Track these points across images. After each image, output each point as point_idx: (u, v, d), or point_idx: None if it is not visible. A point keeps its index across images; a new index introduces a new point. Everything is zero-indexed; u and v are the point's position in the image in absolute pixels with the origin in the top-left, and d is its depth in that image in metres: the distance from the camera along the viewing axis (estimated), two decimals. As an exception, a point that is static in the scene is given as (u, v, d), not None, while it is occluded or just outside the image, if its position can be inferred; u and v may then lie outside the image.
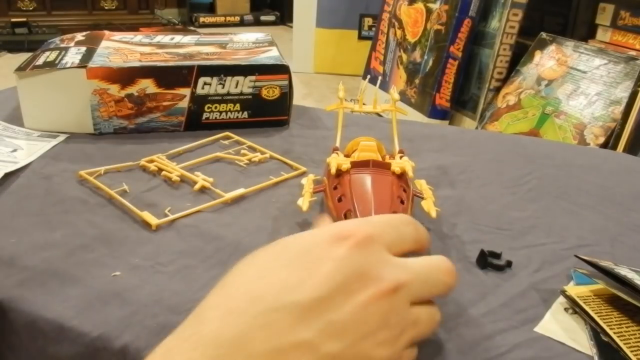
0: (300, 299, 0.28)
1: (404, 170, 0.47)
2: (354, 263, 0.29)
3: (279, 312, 0.27)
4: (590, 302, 0.40)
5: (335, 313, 0.28)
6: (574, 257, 0.45)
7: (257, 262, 0.31)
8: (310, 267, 0.29)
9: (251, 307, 0.28)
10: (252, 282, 0.29)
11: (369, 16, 3.25)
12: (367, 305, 0.29)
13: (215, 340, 0.26)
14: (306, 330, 0.27)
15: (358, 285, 0.29)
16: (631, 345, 0.36)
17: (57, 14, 4.03)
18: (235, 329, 0.27)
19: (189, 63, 0.70)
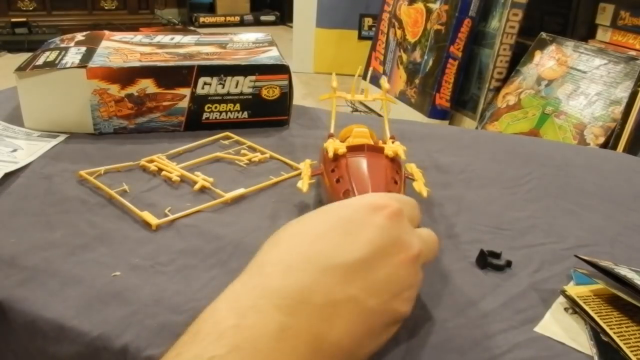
0: (347, 260, 0.32)
1: (397, 153, 0.50)
2: (390, 230, 0.34)
3: (331, 270, 0.31)
4: (590, 302, 0.40)
5: (375, 273, 0.33)
6: (574, 257, 0.45)
7: (306, 227, 0.35)
8: (354, 232, 0.33)
9: (308, 265, 0.31)
10: (305, 244, 0.33)
11: (369, 16, 3.25)
12: (399, 268, 0.34)
13: (279, 292, 0.30)
14: (353, 287, 0.32)
15: (392, 249, 0.34)
16: (631, 345, 0.36)
17: (57, 14, 4.03)
18: (297, 284, 0.31)
19: (189, 63, 0.70)
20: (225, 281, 0.42)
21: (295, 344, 0.29)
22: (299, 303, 0.30)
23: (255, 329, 0.28)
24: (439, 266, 0.45)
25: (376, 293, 0.32)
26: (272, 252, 0.33)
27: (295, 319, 0.29)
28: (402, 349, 0.36)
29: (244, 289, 0.31)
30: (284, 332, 0.29)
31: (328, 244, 0.33)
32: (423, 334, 0.38)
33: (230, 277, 0.43)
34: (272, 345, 0.28)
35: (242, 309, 0.29)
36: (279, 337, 0.28)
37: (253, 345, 0.28)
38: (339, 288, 0.31)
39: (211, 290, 0.42)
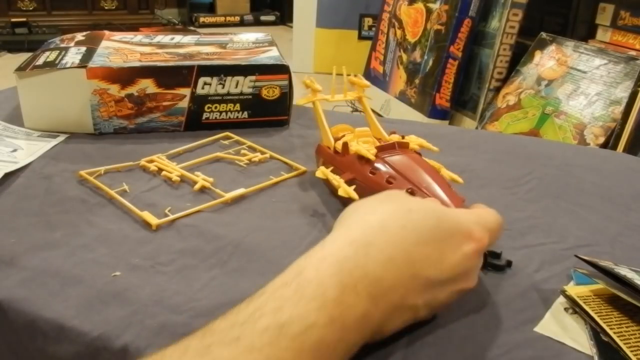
0: (430, 277, 0.35)
1: (423, 145, 0.52)
2: (470, 263, 0.37)
3: (417, 280, 0.35)
4: (590, 302, 0.40)
5: (440, 294, 0.36)
6: (574, 257, 0.45)
7: (414, 224, 0.36)
8: (446, 253, 0.36)
9: (405, 269, 0.34)
10: (409, 246, 0.35)
11: (369, 16, 3.25)
12: (455, 294, 0.38)
13: (376, 283, 0.33)
14: (421, 299, 0.35)
15: (461, 279, 0.37)
16: (631, 345, 0.36)
17: (57, 14, 4.03)
18: (391, 281, 0.34)
19: (189, 63, 0.70)
20: (225, 281, 0.43)
21: (365, 331, 0.33)
22: (384, 297, 0.33)
23: (349, 309, 0.31)
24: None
25: (429, 307, 0.37)
26: (380, 235, 0.35)
27: (375, 311, 0.33)
28: (402, 349, 0.36)
29: (348, 264, 0.33)
30: (365, 318, 0.32)
31: (424, 254, 0.35)
32: (423, 334, 0.38)
33: (230, 277, 0.43)
34: (355, 324, 0.32)
35: (344, 284, 0.32)
36: (361, 321, 0.32)
37: (343, 322, 0.31)
38: (412, 296, 0.35)
39: (211, 290, 0.42)
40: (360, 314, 0.32)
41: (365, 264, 0.33)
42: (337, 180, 0.50)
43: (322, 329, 0.30)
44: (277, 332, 0.29)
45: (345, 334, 0.31)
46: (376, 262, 0.33)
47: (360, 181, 0.49)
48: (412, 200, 0.39)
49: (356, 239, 0.34)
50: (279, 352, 0.28)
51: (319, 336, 0.30)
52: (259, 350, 0.28)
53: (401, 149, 0.50)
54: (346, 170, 0.51)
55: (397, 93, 2.53)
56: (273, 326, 0.29)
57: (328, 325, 0.30)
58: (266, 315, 0.30)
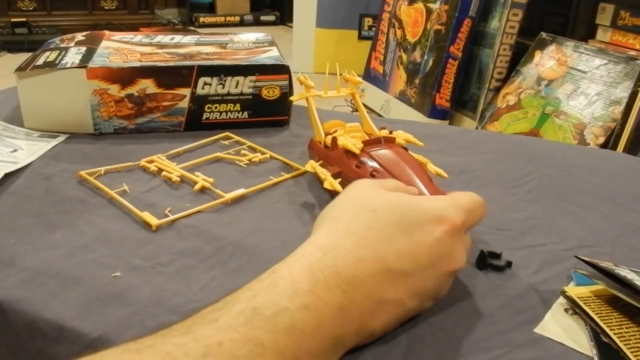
0: (406, 268, 0.36)
1: (409, 140, 0.53)
2: (446, 247, 0.38)
3: (391, 274, 0.36)
4: (590, 303, 0.40)
5: (423, 281, 0.37)
6: (574, 257, 0.45)
7: (379, 224, 0.37)
8: (416, 242, 0.37)
9: (376, 264, 0.35)
10: (379, 242, 0.36)
11: (369, 16, 3.25)
12: (442, 278, 0.38)
13: (348, 280, 0.34)
14: (403, 291, 0.36)
15: (442, 262, 0.38)
16: (631, 346, 0.36)
17: (57, 14, 4.03)
18: (364, 278, 0.35)
19: (189, 63, 0.70)
20: (225, 281, 0.43)
21: (347, 324, 0.34)
22: (358, 293, 0.34)
23: (322, 300, 0.33)
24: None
25: (417, 297, 0.37)
26: (347, 239, 0.36)
27: (352, 305, 0.34)
28: (402, 350, 0.36)
29: (318, 264, 0.34)
30: (341, 311, 0.33)
31: (394, 248, 0.36)
32: (423, 335, 0.38)
33: (230, 277, 0.43)
34: (330, 316, 0.33)
35: (316, 279, 0.34)
36: (337, 313, 0.33)
37: (317, 310, 0.32)
38: (391, 290, 0.36)
39: (211, 290, 0.42)
40: (335, 306, 0.33)
41: (335, 264, 0.35)
42: (324, 173, 0.52)
43: (295, 313, 0.31)
44: (251, 314, 0.31)
45: (322, 322, 0.32)
46: (346, 263, 0.35)
47: (346, 174, 0.51)
48: (377, 198, 0.39)
49: (325, 244, 0.36)
50: (253, 331, 0.30)
51: (292, 319, 0.31)
52: (235, 329, 0.30)
53: (387, 144, 0.51)
54: (334, 164, 0.53)
55: (397, 93, 2.53)
56: (247, 309, 0.31)
57: (301, 310, 0.32)
58: (241, 302, 0.32)
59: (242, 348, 0.29)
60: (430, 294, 0.38)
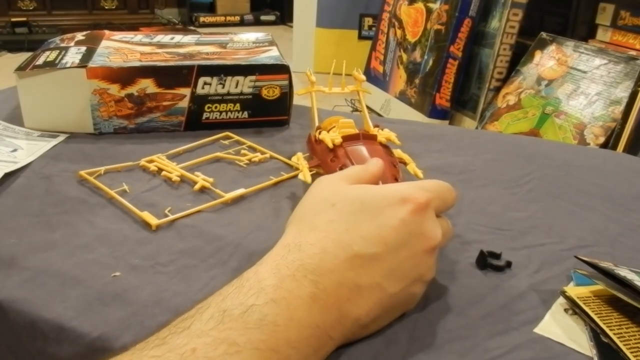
0: (376, 251, 0.36)
1: (389, 139, 0.53)
2: (414, 224, 0.37)
3: (360, 259, 0.36)
4: (590, 303, 0.40)
5: (398, 262, 0.37)
6: (574, 257, 0.45)
7: (341, 215, 0.38)
8: (382, 225, 0.37)
9: (342, 253, 0.35)
10: (340, 232, 0.37)
11: (369, 16, 3.25)
12: (420, 257, 0.38)
13: (315, 271, 0.34)
14: (377, 274, 0.36)
15: (414, 241, 0.37)
16: (631, 346, 0.36)
17: (57, 14, 4.03)
18: (330, 268, 0.35)
19: (189, 63, 0.70)
20: (226, 281, 0.43)
21: (323, 312, 0.33)
22: (328, 280, 0.34)
23: (291, 292, 0.33)
24: (439, 266, 0.45)
25: (397, 280, 0.37)
26: (310, 234, 0.37)
27: (325, 294, 0.34)
28: (402, 350, 0.36)
29: (283, 261, 0.35)
30: (315, 300, 0.33)
31: (359, 233, 0.36)
32: (423, 335, 0.38)
33: (230, 277, 0.43)
34: (303, 306, 0.33)
35: (282, 275, 0.34)
36: (310, 302, 0.33)
37: (287, 302, 0.32)
38: (365, 275, 0.35)
39: (211, 290, 0.41)
40: (307, 296, 0.33)
41: (299, 258, 0.35)
42: (302, 166, 0.54)
43: (263, 307, 0.32)
44: (220, 317, 0.31)
45: (295, 313, 0.32)
46: (310, 255, 0.35)
47: (322, 167, 0.53)
48: (336, 193, 0.40)
49: (289, 243, 0.37)
50: (225, 332, 0.30)
51: (261, 314, 0.31)
52: (206, 333, 0.30)
53: (365, 140, 0.53)
54: (317, 157, 0.55)
55: (397, 93, 2.53)
56: (217, 313, 0.32)
57: (269, 304, 0.32)
58: (212, 306, 0.32)
59: (215, 349, 0.29)
60: (411, 275, 0.37)
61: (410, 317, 0.39)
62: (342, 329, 0.35)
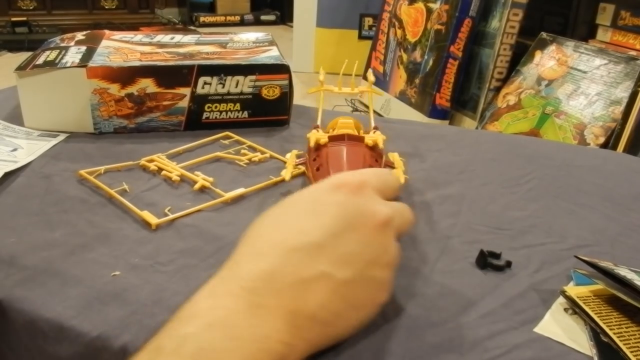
0: (313, 239, 0.34)
1: (376, 142, 0.53)
2: (353, 204, 0.36)
3: (298, 251, 0.33)
4: (590, 303, 0.40)
5: (343, 246, 0.34)
6: (574, 257, 0.45)
7: (272, 217, 0.37)
8: (318, 213, 0.35)
9: (276, 250, 0.34)
10: (272, 232, 0.35)
11: (369, 16, 3.25)
12: (368, 235, 0.35)
13: (249, 276, 0.32)
14: (321, 263, 0.33)
15: (357, 220, 0.35)
16: (631, 345, 0.36)
17: (57, 13, 4.03)
18: (265, 267, 0.33)
19: (189, 62, 0.70)
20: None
21: (268, 319, 0.31)
22: (268, 284, 0.32)
23: (227, 309, 0.31)
24: (439, 266, 0.45)
25: (347, 265, 0.34)
26: (245, 247, 0.35)
27: (265, 299, 0.31)
28: (402, 349, 0.36)
29: (219, 281, 0.33)
30: (255, 309, 0.31)
31: (294, 227, 0.35)
32: (423, 334, 0.38)
33: (230, 277, 0.43)
34: (243, 321, 0.30)
35: (216, 294, 0.32)
36: (251, 313, 0.31)
37: (224, 322, 0.30)
38: (307, 266, 0.33)
39: (211, 290, 0.42)
40: (245, 307, 0.31)
41: (235, 271, 0.33)
42: (288, 163, 0.56)
43: (198, 334, 0.29)
44: (153, 355, 0.29)
45: (235, 331, 0.30)
46: (244, 265, 0.33)
47: (306, 166, 0.55)
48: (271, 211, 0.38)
49: (226, 264, 0.35)
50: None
51: (197, 341, 0.29)
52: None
53: (350, 142, 0.52)
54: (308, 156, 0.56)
55: (397, 93, 2.53)
56: (151, 351, 0.30)
57: (205, 329, 0.29)
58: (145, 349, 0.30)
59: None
60: (363, 258, 0.34)
61: (410, 317, 0.39)
62: (299, 332, 0.32)
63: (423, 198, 0.56)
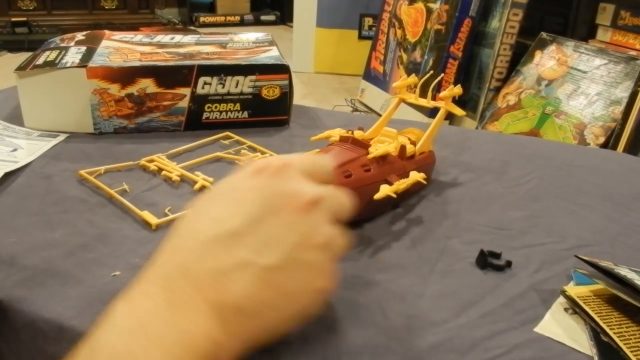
0: (231, 227, 0.32)
1: (387, 153, 0.51)
2: (274, 186, 0.33)
3: (215, 241, 0.31)
4: (590, 302, 0.40)
5: (265, 231, 0.32)
6: (574, 257, 0.45)
7: (193, 210, 0.34)
8: (237, 200, 0.33)
9: (192, 241, 0.32)
10: (190, 223, 0.33)
11: (369, 16, 3.25)
12: (293, 217, 0.32)
13: (163, 273, 0.31)
14: (241, 250, 0.31)
15: (279, 202, 0.33)
16: (631, 345, 0.36)
17: (57, 14, 4.03)
18: (180, 261, 0.31)
19: (189, 63, 0.70)
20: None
21: (189, 315, 0.29)
22: (184, 278, 0.30)
23: (143, 309, 0.29)
24: (439, 266, 0.45)
25: (270, 250, 0.31)
26: (164, 244, 0.33)
27: (183, 293, 0.30)
28: (402, 349, 0.36)
29: (137, 283, 0.31)
30: (175, 307, 0.29)
31: (213, 216, 0.33)
32: (423, 334, 0.38)
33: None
34: (162, 321, 0.28)
35: (133, 297, 0.30)
36: (170, 312, 0.29)
37: (142, 324, 0.28)
38: (225, 255, 0.31)
39: (211, 290, 0.42)
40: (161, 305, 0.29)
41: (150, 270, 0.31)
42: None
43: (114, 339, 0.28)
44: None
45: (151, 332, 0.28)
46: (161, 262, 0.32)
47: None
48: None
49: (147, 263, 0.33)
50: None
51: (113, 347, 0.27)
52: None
53: (353, 144, 0.52)
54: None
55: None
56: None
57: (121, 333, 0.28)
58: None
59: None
60: (287, 241, 0.32)
61: (410, 317, 0.39)
62: (226, 326, 0.29)
63: (423, 198, 0.56)
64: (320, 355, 0.35)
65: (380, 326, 0.38)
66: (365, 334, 0.37)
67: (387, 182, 0.49)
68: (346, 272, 0.44)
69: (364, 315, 0.39)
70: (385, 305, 0.40)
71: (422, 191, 0.58)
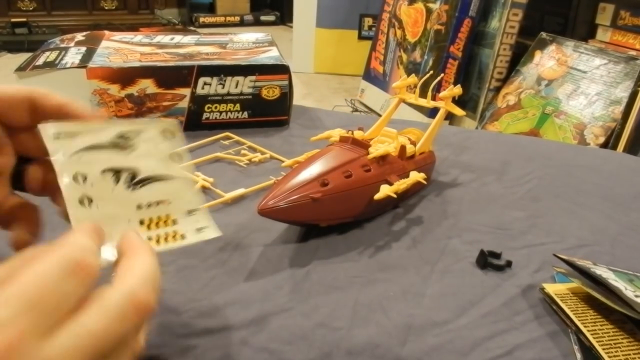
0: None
1: (387, 153, 0.51)
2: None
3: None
4: (567, 300, 0.40)
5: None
6: (553, 255, 0.45)
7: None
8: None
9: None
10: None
11: (369, 16, 3.25)
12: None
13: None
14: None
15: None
16: (604, 343, 0.36)
17: (57, 14, 4.03)
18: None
19: (189, 63, 0.70)
20: (225, 281, 0.43)
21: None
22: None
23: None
24: (439, 266, 0.45)
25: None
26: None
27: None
28: (402, 349, 0.36)
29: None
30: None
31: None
32: (423, 335, 0.38)
33: (230, 277, 0.43)
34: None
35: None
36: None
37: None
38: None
39: (211, 290, 0.42)
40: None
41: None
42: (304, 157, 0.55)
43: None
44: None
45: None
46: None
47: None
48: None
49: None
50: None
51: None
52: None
53: (353, 145, 0.52)
54: None
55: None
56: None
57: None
58: None
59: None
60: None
61: (411, 317, 0.39)
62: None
63: (423, 198, 0.56)
64: (321, 355, 0.35)
65: (381, 326, 0.38)
66: (365, 334, 0.37)
67: (387, 182, 0.49)
68: (347, 272, 0.44)
69: (364, 315, 0.39)
70: (386, 305, 0.40)
71: (422, 191, 0.58)
